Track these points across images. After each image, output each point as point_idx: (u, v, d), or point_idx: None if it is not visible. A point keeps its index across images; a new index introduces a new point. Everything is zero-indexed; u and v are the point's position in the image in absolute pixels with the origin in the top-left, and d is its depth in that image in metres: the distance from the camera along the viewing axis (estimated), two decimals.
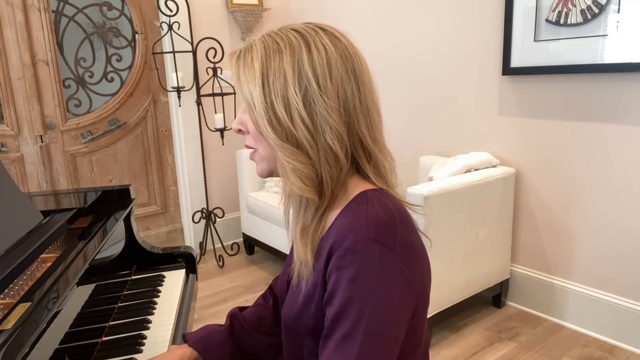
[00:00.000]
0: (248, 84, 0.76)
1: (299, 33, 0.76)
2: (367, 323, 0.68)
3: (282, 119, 0.74)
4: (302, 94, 0.73)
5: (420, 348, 0.83)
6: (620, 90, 1.94)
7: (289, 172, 0.75)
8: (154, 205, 3.29)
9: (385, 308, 0.69)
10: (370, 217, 0.72)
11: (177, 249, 1.52)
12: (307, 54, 0.74)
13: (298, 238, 0.80)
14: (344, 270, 0.70)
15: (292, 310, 0.83)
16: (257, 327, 1.01)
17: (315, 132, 0.74)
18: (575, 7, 1.99)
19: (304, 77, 0.73)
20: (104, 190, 1.47)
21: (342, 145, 0.75)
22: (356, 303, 0.69)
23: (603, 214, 2.07)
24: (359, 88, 0.76)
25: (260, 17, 3.33)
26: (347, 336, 0.69)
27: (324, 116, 0.73)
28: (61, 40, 2.82)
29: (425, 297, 0.80)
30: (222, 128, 2.99)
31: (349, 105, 0.75)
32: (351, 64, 0.76)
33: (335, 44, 0.76)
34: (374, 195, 0.76)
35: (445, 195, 2.00)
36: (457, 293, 2.19)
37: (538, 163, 2.26)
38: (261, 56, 0.75)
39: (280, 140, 0.74)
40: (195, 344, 0.96)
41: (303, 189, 0.75)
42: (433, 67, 2.62)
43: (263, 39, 0.78)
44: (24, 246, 1.06)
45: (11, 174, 2.70)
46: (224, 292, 2.77)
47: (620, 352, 2.04)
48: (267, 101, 0.74)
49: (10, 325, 0.76)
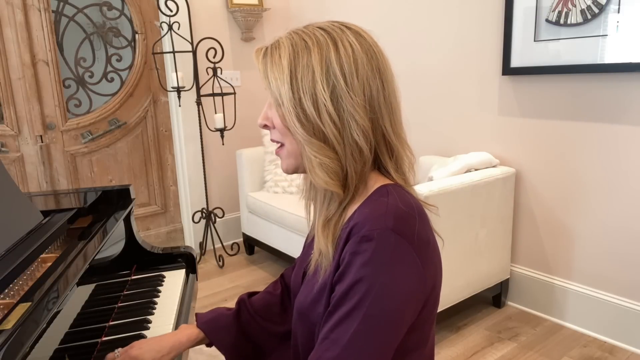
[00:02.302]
0: (276, 80, 0.77)
1: (325, 31, 0.78)
2: (369, 306, 0.70)
3: (310, 115, 0.76)
4: (329, 90, 0.75)
5: (427, 346, 0.84)
6: (620, 90, 1.94)
7: (315, 167, 0.77)
8: (154, 205, 3.29)
9: (390, 294, 0.71)
10: (390, 207, 0.74)
11: (177, 249, 1.52)
12: (334, 52, 0.76)
13: (320, 230, 0.81)
14: (358, 255, 0.72)
15: (306, 298, 0.84)
16: (264, 314, 1.04)
17: (342, 128, 0.76)
18: (575, 7, 1.99)
19: (331, 74, 0.75)
20: (104, 190, 1.47)
21: (367, 140, 0.77)
22: (363, 285, 0.70)
23: (603, 214, 2.07)
24: (383, 85, 0.78)
25: (260, 17, 3.33)
26: (347, 316, 0.71)
27: (350, 112, 0.75)
28: (61, 40, 2.82)
29: (435, 295, 0.81)
30: (222, 128, 2.99)
31: (374, 102, 0.77)
32: (376, 62, 0.79)
33: (360, 42, 0.78)
34: (394, 190, 0.79)
35: (445, 195, 2.00)
36: (457, 293, 2.19)
37: (538, 163, 2.26)
38: (289, 53, 0.77)
39: (308, 136, 0.76)
40: (203, 325, 1.01)
41: (329, 183, 0.77)
42: (433, 67, 2.62)
43: (290, 36, 0.79)
44: (24, 246, 1.06)
45: (11, 174, 2.70)
46: (224, 292, 2.77)
47: (620, 352, 2.04)
48: (296, 97, 0.76)
49: (10, 325, 0.76)
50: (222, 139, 3.03)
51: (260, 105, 3.42)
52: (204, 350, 2.06)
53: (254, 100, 3.40)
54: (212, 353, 2.05)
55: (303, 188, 0.90)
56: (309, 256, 0.93)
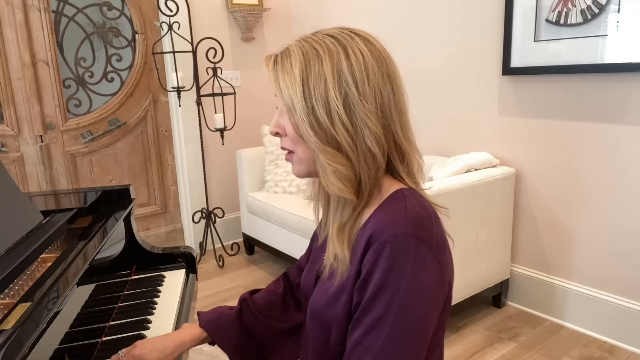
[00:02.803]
0: (288, 89, 0.78)
1: (335, 39, 0.78)
2: (397, 312, 0.71)
3: (324, 123, 0.76)
4: (342, 98, 0.75)
5: (439, 348, 0.85)
6: (620, 90, 1.94)
7: (329, 174, 0.78)
8: (154, 205, 3.29)
9: (416, 299, 0.72)
10: (409, 212, 0.75)
11: (177, 249, 1.52)
12: (345, 59, 0.76)
13: (334, 236, 0.82)
14: (380, 262, 0.72)
15: (321, 300, 0.84)
16: (266, 313, 1.04)
17: (355, 135, 0.76)
18: (575, 7, 1.99)
19: (343, 82, 0.76)
20: (104, 190, 1.47)
21: (380, 146, 0.77)
22: (388, 292, 0.71)
23: (603, 214, 2.07)
24: (393, 91, 0.79)
25: (260, 17, 3.33)
26: (377, 322, 0.72)
27: (363, 119, 0.76)
28: (61, 40, 2.82)
29: (450, 295, 0.82)
30: (222, 128, 2.99)
31: (385, 108, 0.78)
32: (386, 68, 0.79)
33: (370, 49, 0.79)
34: (410, 194, 0.80)
35: (445, 195, 2.00)
36: (457, 293, 2.19)
37: (538, 163, 2.26)
38: (300, 62, 0.77)
39: (322, 144, 0.77)
40: (205, 325, 1.01)
41: (343, 190, 0.78)
42: (433, 67, 2.62)
43: (300, 44, 0.79)
44: (24, 246, 1.06)
45: (11, 174, 2.70)
46: (224, 292, 2.77)
47: (620, 352, 2.04)
48: (309, 106, 0.76)
49: (10, 325, 0.76)
50: (222, 139, 3.03)
51: (261, 105, 3.42)
52: (204, 350, 2.06)
53: (254, 100, 3.40)
54: (213, 353, 2.05)
55: (311, 190, 0.90)
56: (317, 256, 0.94)
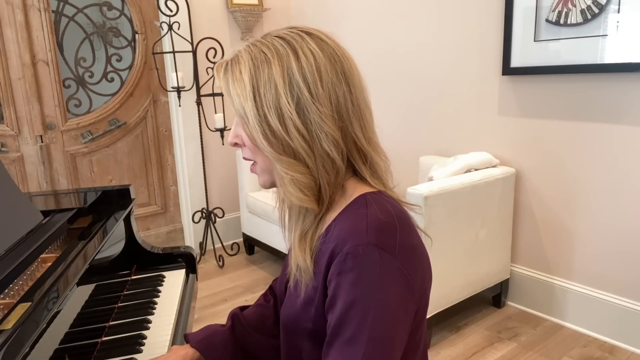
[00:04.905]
0: (239, 97, 0.75)
1: (284, 40, 0.75)
2: (370, 327, 0.68)
3: (277, 131, 0.73)
4: (294, 103, 0.72)
5: (420, 349, 0.83)
6: (620, 90, 1.94)
7: (287, 184, 0.75)
8: (154, 205, 3.29)
9: (387, 312, 0.69)
10: (370, 221, 0.72)
11: (177, 249, 1.52)
12: (295, 61, 0.73)
13: (296, 245, 0.79)
14: (345, 275, 0.70)
15: (290, 312, 0.83)
16: (258, 327, 1.01)
17: (311, 141, 0.73)
18: (575, 7, 1.99)
19: (294, 85, 0.72)
20: (104, 190, 1.47)
21: (338, 150, 0.74)
22: (358, 307, 0.68)
23: (603, 214, 2.07)
24: (350, 90, 0.75)
25: (260, 17, 3.33)
26: (351, 341, 0.69)
27: (318, 123, 0.72)
28: (61, 40, 2.82)
29: (426, 298, 0.80)
30: (222, 128, 2.99)
31: (341, 109, 0.74)
32: (340, 66, 0.75)
33: (322, 47, 0.75)
34: (373, 199, 0.76)
35: (445, 195, 2.00)
36: (457, 293, 2.19)
37: (538, 163, 2.26)
38: (249, 68, 0.74)
39: (277, 153, 0.74)
40: (197, 345, 0.96)
41: (302, 199, 0.75)
42: (433, 67, 2.62)
43: (249, 49, 0.76)
44: (24, 246, 1.06)
45: (11, 174, 2.70)
46: (224, 292, 2.77)
47: (620, 352, 2.04)
48: (260, 114, 0.73)
49: (10, 325, 0.76)
50: (222, 139, 3.03)
51: None
52: None
53: None
54: None
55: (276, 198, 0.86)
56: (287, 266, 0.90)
